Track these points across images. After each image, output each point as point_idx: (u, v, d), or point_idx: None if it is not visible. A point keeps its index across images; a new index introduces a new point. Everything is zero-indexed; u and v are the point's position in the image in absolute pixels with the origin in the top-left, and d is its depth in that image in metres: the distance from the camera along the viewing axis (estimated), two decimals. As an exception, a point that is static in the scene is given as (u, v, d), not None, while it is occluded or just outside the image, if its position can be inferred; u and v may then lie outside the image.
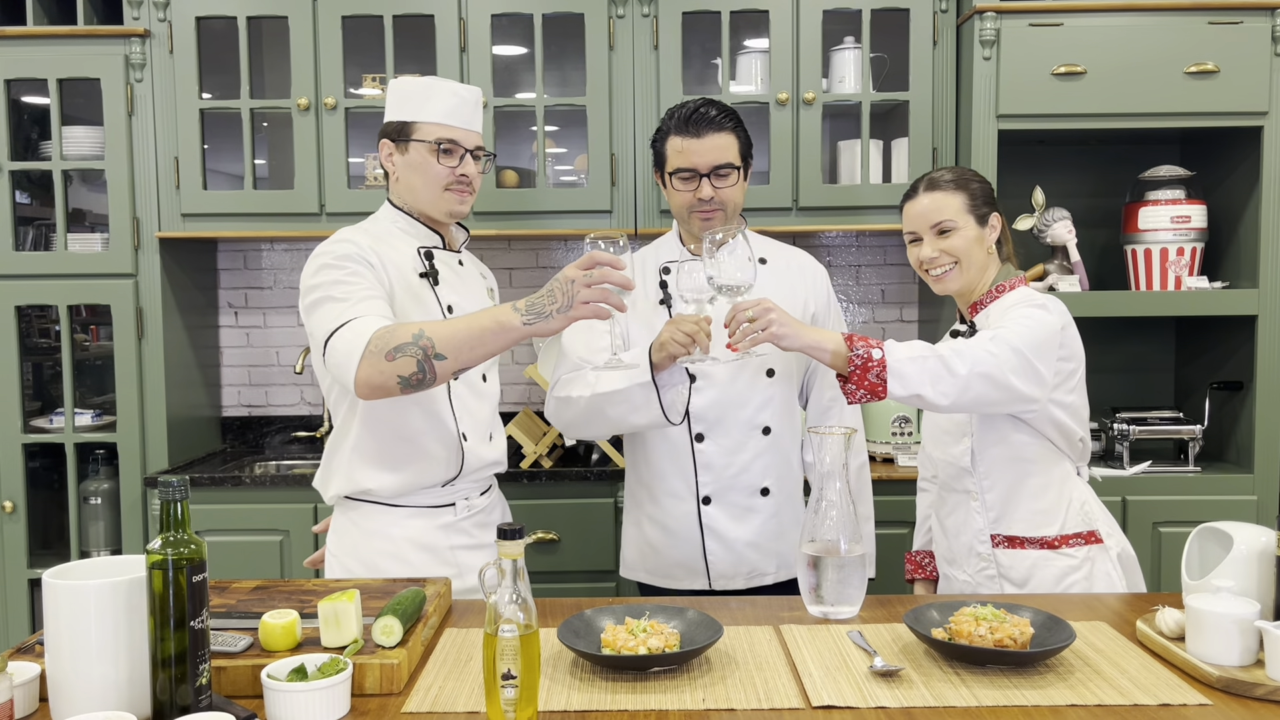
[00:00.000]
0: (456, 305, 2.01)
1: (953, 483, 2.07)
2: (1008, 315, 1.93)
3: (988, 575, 2.01)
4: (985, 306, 2.04)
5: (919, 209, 2.04)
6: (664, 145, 2.14)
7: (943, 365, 1.82)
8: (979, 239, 2.02)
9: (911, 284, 3.49)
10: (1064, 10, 2.87)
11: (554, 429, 3.06)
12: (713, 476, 2.14)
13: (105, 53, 3.00)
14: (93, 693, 1.27)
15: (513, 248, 3.49)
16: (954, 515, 2.07)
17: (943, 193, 2.02)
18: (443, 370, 1.75)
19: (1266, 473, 2.92)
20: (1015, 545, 2.00)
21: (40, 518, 3.20)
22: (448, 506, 2.03)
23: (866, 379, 1.81)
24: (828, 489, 1.72)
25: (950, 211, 2.01)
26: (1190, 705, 1.36)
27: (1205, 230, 3.04)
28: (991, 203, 2.06)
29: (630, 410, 2.01)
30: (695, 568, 2.17)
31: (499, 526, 1.27)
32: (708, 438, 2.13)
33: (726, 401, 2.13)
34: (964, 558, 2.05)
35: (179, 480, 1.28)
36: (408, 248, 1.99)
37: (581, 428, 2.11)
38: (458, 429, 1.98)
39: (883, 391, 1.81)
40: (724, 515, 2.15)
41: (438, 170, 1.96)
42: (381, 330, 1.75)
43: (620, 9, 3.02)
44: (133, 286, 3.05)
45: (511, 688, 1.25)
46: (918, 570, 2.23)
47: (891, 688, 1.42)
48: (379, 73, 3.18)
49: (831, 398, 2.23)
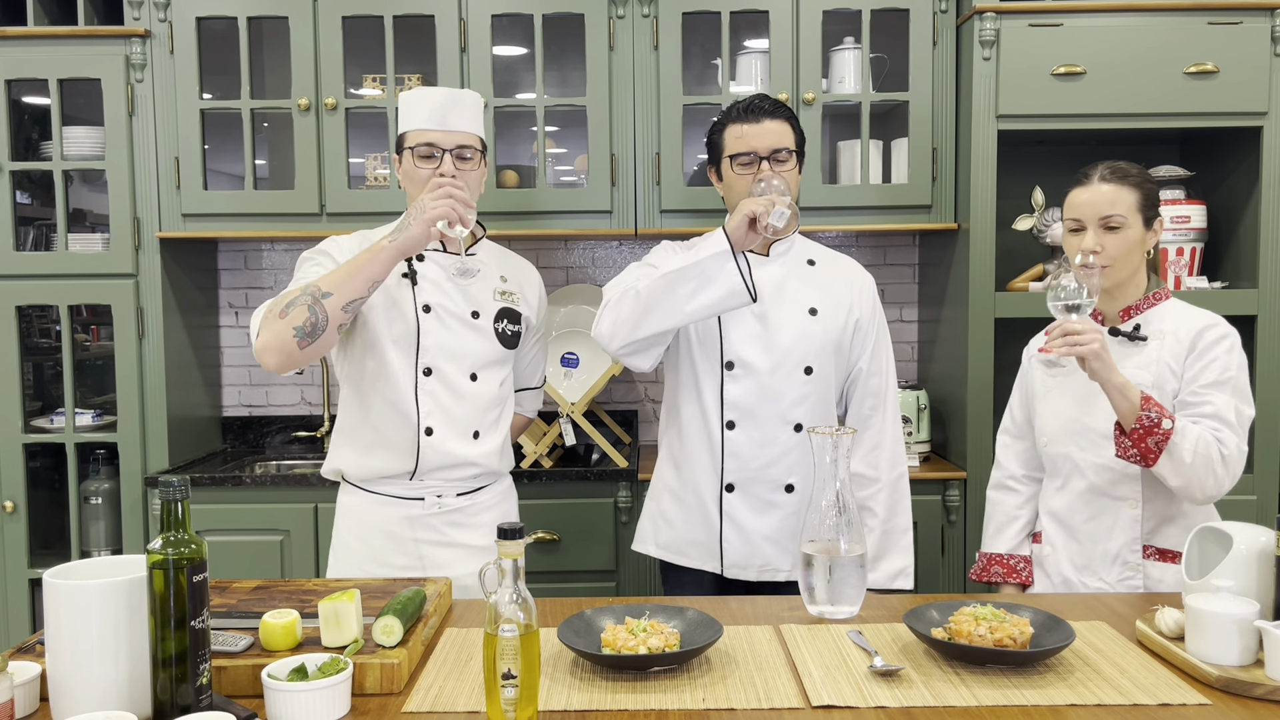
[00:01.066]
0: (437, 305, 2.08)
1: (1107, 488, 1.99)
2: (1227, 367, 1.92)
3: (1131, 585, 1.98)
4: (1141, 312, 2.01)
5: (1093, 196, 1.97)
6: (721, 135, 2.17)
7: (1212, 465, 1.85)
8: (1141, 242, 1.98)
9: (911, 284, 3.49)
10: (1064, 10, 2.87)
11: (553, 429, 3.07)
12: (738, 465, 2.14)
13: (106, 53, 3.00)
14: (93, 692, 1.27)
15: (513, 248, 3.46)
16: (1098, 520, 2.01)
17: (1122, 186, 1.96)
18: (332, 307, 1.86)
19: (1266, 473, 2.92)
20: (1167, 559, 1.97)
21: (41, 518, 3.20)
22: (416, 500, 2.10)
23: (1145, 442, 1.84)
24: (827, 489, 1.72)
25: (1124, 206, 1.95)
26: (1190, 705, 1.37)
27: (1205, 230, 3.04)
28: (1158, 205, 2.01)
29: (703, 284, 1.92)
30: (710, 549, 2.18)
31: (499, 526, 1.28)
32: (738, 427, 2.14)
33: (762, 393, 2.13)
34: (1104, 565, 2.00)
35: (179, 480, 1.28)
36: None
37: (639, 321, 1.97)
38: (419, 422, 2.05)
39: (1152, 460, 1.85)
40: (745, 506, 2.15)
41: (420, 175, 2.05)
42: (276, 298, 1.90)
43: (620, 9, 3.02)
44: (133, 286, 3.05)
45: (512, 687, 1.26)
46: (1011, 574, 2.14)
47: (891, 687, 1.42)
48: (379, 73, 3.19)
49: (872, 407, 2.21)
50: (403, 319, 2.05)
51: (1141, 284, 2.02)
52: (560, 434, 3.08)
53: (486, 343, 2.12)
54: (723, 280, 1.92)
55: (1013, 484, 2.19)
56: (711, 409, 2.15)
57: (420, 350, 2.06)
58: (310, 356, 1.88)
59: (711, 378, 2.15)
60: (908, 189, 3.05)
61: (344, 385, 2.13)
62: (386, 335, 2.04)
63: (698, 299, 1.94)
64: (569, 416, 3.06)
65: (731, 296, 1.94)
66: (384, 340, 2.04)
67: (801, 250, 2.24)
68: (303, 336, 1.84)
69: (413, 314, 2.06)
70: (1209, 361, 1.93)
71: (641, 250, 3.48)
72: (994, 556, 2.17)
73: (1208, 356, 1.93)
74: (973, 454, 2.93)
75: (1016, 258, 3.27)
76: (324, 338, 1.87)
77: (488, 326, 2.13)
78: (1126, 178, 1.98)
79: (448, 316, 2.09)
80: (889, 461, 2.20)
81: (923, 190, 3.04)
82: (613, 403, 3.51)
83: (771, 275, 2.17)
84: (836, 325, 2.17)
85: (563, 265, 3.51)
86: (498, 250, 2.27)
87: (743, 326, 2.13)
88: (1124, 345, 2.01)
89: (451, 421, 2.08)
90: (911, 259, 3.49)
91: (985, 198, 2.92)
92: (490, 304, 2.14)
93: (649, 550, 2.28)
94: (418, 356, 2.06)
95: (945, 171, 3.04)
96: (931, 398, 3.24)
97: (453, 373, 2.08)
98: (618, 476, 2.94)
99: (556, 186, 3.28)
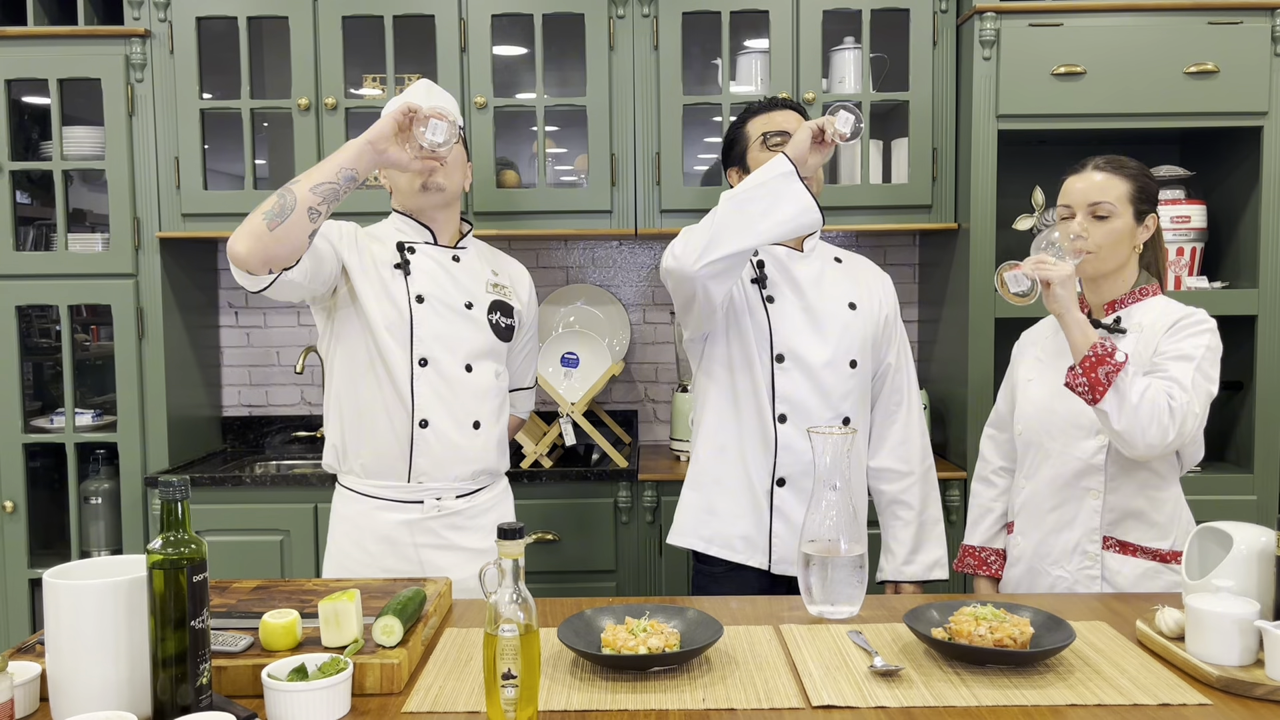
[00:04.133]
0: (428, 295, 2.09)
1: (1072, 479, 2.01)
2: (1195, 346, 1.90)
3: (1090, 575, 2.00)
4: (1125, 306, 2.01)
5: (1086, 182, 1.99)
6: (744, 129, 2.20)
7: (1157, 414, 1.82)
8: (1130, 234, 1.98)
9: (911, 284, 3.49)
10: (1064, 10, 2.87)
11: (553, 429, 3.07)
12: (792, 459, 2.12)
13: (106, 53, 3.00)
14: (93, 692, 1.27)
15: (513, 248, 3.48)
16: (1059, 511, 2.03)
17: (1115, 175, 1.98)
18: (300, 190, 1.81)
19: (1266, 473, 2.92)
20: (1128, 551, 1.98)
21: (41, 518, 3.20)
22: (415, 503, 2.09)
23: (1095, 371, 1.82)
24: (828, 489, 1.72)
25: (1113, 195, 1.96)
26: (1190, 705, 1.37)
27: (1205, 230, 3.04)
28: (1154, 202, 2.02)
29: (773, 203, 1.92)
30: (758, 544, 2.15)
31: (499, 526, 1.28)
32: (790, 420, 2.13)
33: (812, 387, 2.13)
34: (1064, 555, 2.02)
35: (179, 480, 1.28)
36: (393, 242, 2.13)
37: (714, 242, 1.94)
38: (413, 413, 2.05)
39: (1100, 393, 1.82)
40: (795, 500, 2.13)
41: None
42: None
43: (620, 9, 3.02)
44: (133, 286, 3.05)
45: (512, 687, 1.26)
46: (981, 566, 2.17)
47: (891, 687, 1.42)
48: (379, 73, 3.19)
49: (897, 402, 2.24)
50: (396, 309, 2.06)
51: (1130, 279, 2.02)
52: (560, 434, 3.08)
53: (480, 333, 2.13)
54: (791, 198, 1.93)
55: (992, 477, 2.21)
56: (765, 402, 2.14)
57: (415, 340, 2.06)
58: (281, 244, 1.81)
59: (763, 370, 2.14)
60: (908, 189, 3.05)
61: (336, 379, 2.11)
62: (381, 325, 2.05)
63: (770, 217, 1.93)
64: (569, 416, 3.06)
65: (803, 214, 1.94)
66: (378, 330, 2.05)
67: (827, 249, 2.27)
68: (271, 218, 1.80)
69: (406, 304, 2.07)
70: (1179, 340, 1.93)
71: (641, 250, 3.48)
72: (968, 548, 2.21)
73: (1178, 336, 1.93)
74: (972, 454, 2.92)
75: (1017, 258, 3.24)
76: (293, 219, 1.79)
77: (481, 317, 2.14)
78: (1121, 168, 1.99)
79: (441, 306, 2.10)
80: (919, 454, 2.25)
81: (923, 190, 3.04)
82: (613, 403, 3.51)
83: (809, 270, 2.19)
84: (873, 320, 2.21)
85: (563, 265, 3.51)
86: (487, 248, 2.29)
87: (791, 319, 2.15)
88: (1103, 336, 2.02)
89: (450, 412, 2.08)
90: (911, 259, 3.49)
91: (985, 197, 2.92)
92: (483, 295, 2.16)
93: (690, 543, 2.21)
94: (412, 347, 2.06)
95: (945, 171, 3.04)
96: (931, 398, 3.24)
97: (448, 363, 2.08)
98: (618, 476, 2.94)
99: (556, 186, 3.28)
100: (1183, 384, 1.86)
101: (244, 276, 1.87)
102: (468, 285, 2.15)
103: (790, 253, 2.20)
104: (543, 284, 3.49)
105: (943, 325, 3.20)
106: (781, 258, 2.20)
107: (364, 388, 2.08)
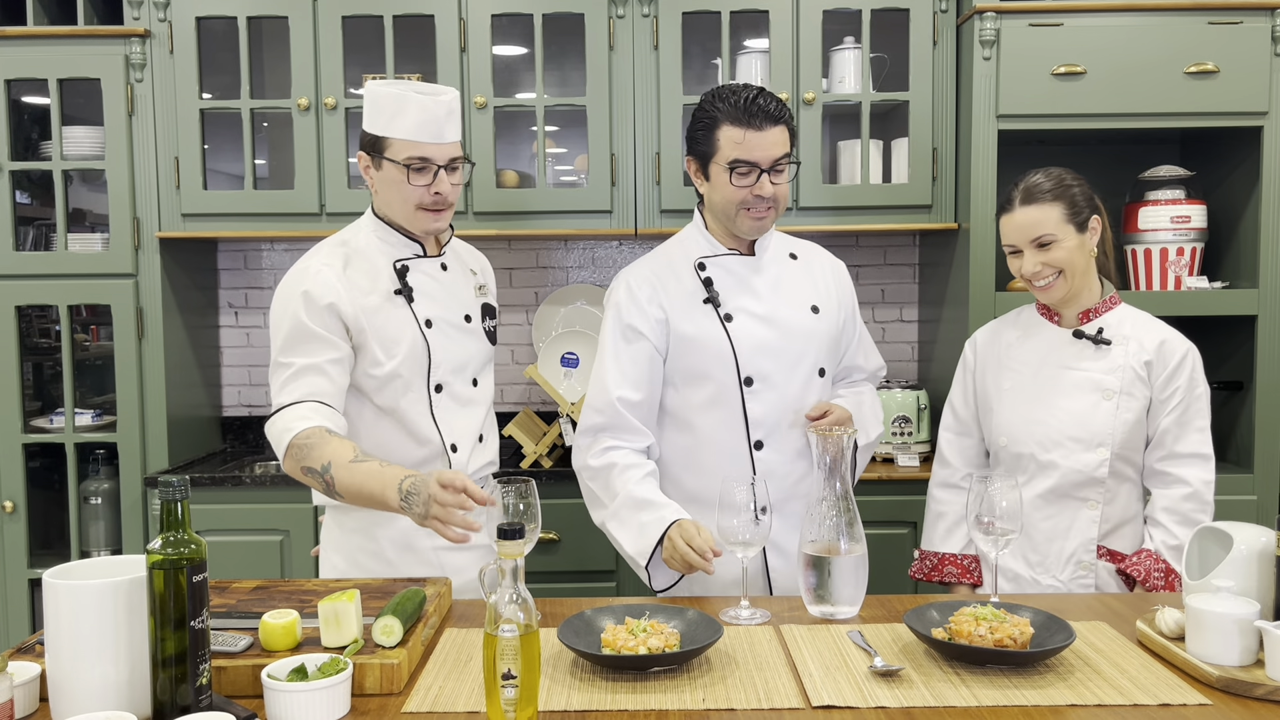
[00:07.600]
0: (436, 318, 2.00)
1: (1071, 490, 2.01)
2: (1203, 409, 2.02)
3: (1084, 584, 2.01)
4: (1100, 316, 2.05)
5: (1017, 223, 2.01)
6: (714, 134, 1.95)
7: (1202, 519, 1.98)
8: (1080, 246, 2.01)
9: (911, 284, 3.49)
10: (1064, 10, 2.87)
11: (553, 429, 3.06)
12: (775, 486, 1.94)
13: (105, 53, 3.00)
14: (93, 693, 1.27)
15: (513, 248, 3.49)
16: (1055, 520, 2.03)
17: (1040, 206, 2.00)
18: (342, 502, 1.84)
19: (1266, 473, 2.92)
20: (1119, 561, 2.01)
21: (40, 518, 3.20)
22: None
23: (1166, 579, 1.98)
24: (827, 489, 1.72)
25: (1050, 225, 1.98)
26: (1190, 705, 1.37)
27: (1205, 230, 3.04)
28: (1091, 204, 2.03)
29: (621, 538, 1.99)
30: (754, 583, 2.03)
31: (499, 527, 1.28)
32: (767, 445, 2.02)
33: (784, 405, 2.02)
34: (1059, 564, 2.03)
35: (179, 480, 1.28)
36: (384, 262, 1.99)
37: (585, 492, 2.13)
38: (442, 441, 2.00)
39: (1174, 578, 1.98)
40: (783, 526, 2.00)
41: (409, 191, 1.94)
42: (299, 441, 1.82)
43: (620, 9, 3.02)
44: (133, 286, 3.05)
45: (511, 688, 1.25)
46: (965, 574, 2.13)
47: (891, 687, 1.42)
48: (379, 73, 3.18)
49: (847, 368, 2.21)
50: (408, 339, 1.95)
51: (1096, 288, 2.06)
52: (560, 434, 3.07)
53: (480, 344, 2.09)
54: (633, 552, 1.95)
55: (961, 483, 2.17)
56: (738, 428, 2.01)
57: (431, 366, 1.98)
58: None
59: (733, 394, 2.01)
60: (908, 189, 3.05)
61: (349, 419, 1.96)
62: (399, 357, 1.94)
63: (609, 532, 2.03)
64: (569, 416, 3.06)
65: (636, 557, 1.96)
66: (395, 364, 1.94)
67: (780, 244, 2.14)
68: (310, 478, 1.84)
69: (418, 332, 1.97)
70: (1188, 403, 2.00)
71: (642, 250, 3.48)
72: (947, 556, 2.15)
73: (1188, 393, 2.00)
74: (973, 454, 2.93)
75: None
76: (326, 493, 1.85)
77: (478, 328, 2.09)
78: (1043, 194, 2.00)
79: (447, 327, 2.02)
80: (871, 362, 2.25)
81: (923, 190, 3.04)
82: (613, 403, 3.51)
83: (766, 276, 2.07)
84: (836, 321, 2.12)
85: (562, 265, 3.51)
86: (459, 244, 2.18)
87: (754, 335, 2.02)
88: (1086, 347, 2.04)
89: (465, 433, 2.03)
90: (911, 259, 3.49)
91: (985, 198, 2.91)
92: (475, 304, 2.10)
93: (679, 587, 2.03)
94: (430, 374, 1.98)
95: (945, 171, 3.04)
96: (931, 398, 3.24)
97: (459, 384, 2.03)
98: (618, 476, 2.93)
99: (556, 186, 3.28)
100: (1203, 501, 1.98)
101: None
102: (461, 296, 2.07)
103: (742, 259, 2.06)
104: (543, 284, 3.49)
105: (943, 325, 3.20)
106: (733, 266, 2.06)
107: (381, 430, 1.98)
